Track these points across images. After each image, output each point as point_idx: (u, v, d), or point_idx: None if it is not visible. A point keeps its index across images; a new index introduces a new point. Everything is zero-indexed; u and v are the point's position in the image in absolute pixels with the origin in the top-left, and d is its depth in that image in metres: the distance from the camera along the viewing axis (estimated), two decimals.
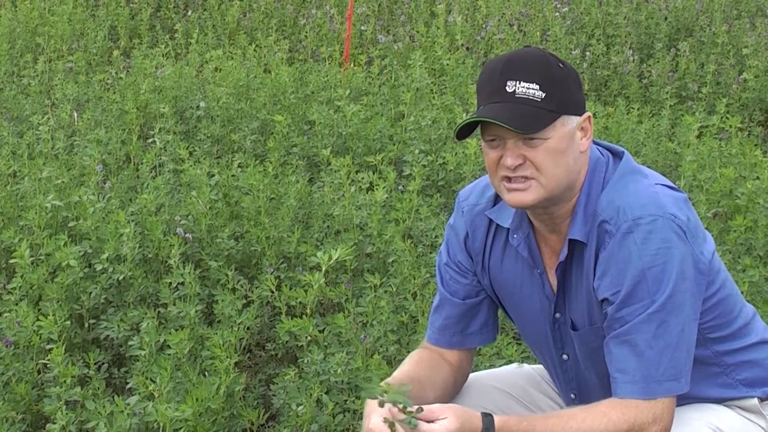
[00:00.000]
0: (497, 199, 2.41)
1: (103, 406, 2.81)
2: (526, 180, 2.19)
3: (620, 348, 2.17)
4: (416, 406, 2.08)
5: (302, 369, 3.27)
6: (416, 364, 2.46)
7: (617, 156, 2.33)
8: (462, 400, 2.52)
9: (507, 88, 2.17)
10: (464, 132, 2.22)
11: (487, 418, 2.15)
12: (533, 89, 2.17)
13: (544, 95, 2.17)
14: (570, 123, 2.21)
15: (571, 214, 2.26)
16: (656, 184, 2.24)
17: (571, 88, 2.22)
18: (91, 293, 3.70)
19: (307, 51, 8.03)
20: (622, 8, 8.60)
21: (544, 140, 2.17)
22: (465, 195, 2.49)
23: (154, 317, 3.40)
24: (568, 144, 2.20)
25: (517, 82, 2.17)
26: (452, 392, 2.50)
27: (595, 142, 2.33)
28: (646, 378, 2.14)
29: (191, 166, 4.69)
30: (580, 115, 2.23)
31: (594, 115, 5.67)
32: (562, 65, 2.21)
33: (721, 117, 5.65)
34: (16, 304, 3.48)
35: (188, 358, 3.19)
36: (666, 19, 8.43)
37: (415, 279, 3.74)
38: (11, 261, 3.75)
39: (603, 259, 2.20)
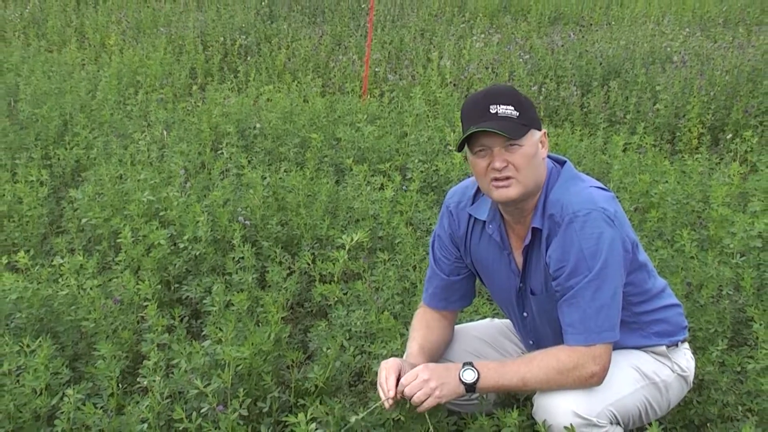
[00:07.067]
0: (475, 197, 2.40)
1: (185, 348, 2.80)
2: (508, 179, 2.18)
3: (569, 308, 2.16)
4: None
5: (331, 322, 3.26)
6: (428, 329, 2.45)
7: (561, 164, 2.32)
8: (451, 346, 2.53)
9: (491, 110, 2.16)
10: (462, 145, 2.20)
11: (468, 363, 2.15)
12: (510, 109, 2.15)
13: (518, 114, 2.16)
14: (535, 135, 2.20)
15: (534, 208, 2.25)
16: (590, 186, 2.23)
17: (532, 110, 2.21)
18: (175, 264, 3.70)
19: (335, 86, 8.01)
20: (568, 56, 8.59)
21: (520, 146, 2.16)
22: (450, 195, 2.48)
23: (222, 283, 3.40)
24: (535, 150, 2.19)
25: (498, 105, 2.16)
26: (450, 339, 2.52)
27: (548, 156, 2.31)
28: (587, 330, 2.13)
29: (249, 171, 4.68)
30: (540, 130, 2.22)
31: (548, 134, 5.64)
32: (524, 96, 2.21)
33: (640, 136, 5.63)
34: (122, 273, 3.49)
35: (247, 313, 3.19)
36: (600, 64, 8.40)
37: (414, 256, 3.73)
38: (118, 240, 3.76)
39: (553, 243, 2.19)
